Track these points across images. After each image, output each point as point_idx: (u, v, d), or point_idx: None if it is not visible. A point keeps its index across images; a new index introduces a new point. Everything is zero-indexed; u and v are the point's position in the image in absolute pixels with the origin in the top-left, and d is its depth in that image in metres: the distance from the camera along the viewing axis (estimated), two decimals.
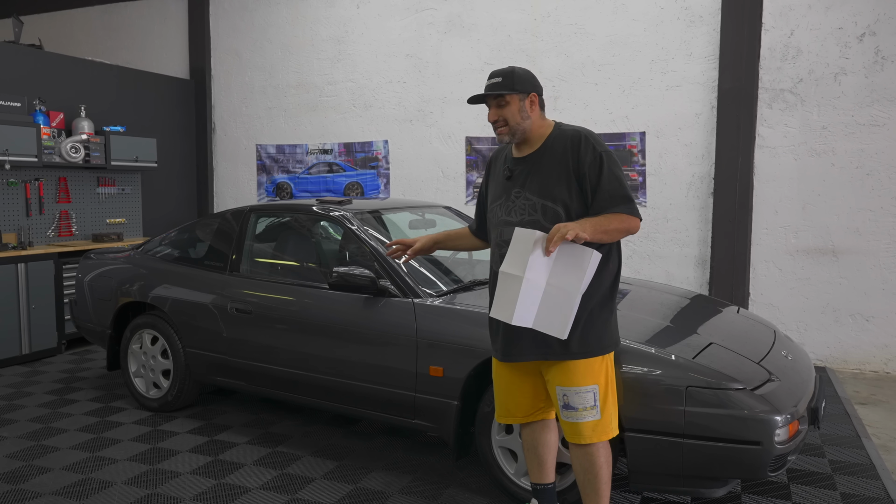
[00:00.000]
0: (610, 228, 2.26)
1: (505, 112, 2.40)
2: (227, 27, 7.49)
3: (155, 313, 4.22)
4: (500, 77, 2.40)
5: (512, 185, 2.45)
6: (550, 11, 6.02)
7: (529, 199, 2.39)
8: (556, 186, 2.35)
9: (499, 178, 2.53)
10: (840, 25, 5.14)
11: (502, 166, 2.52)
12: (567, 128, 2.44)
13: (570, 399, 2.37)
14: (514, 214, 2.42)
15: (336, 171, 7.05)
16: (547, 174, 2.38)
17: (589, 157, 2.33)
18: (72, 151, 5.84)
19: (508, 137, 2.43)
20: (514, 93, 2.38)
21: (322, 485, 3.23)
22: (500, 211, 2.48)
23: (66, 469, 3.39)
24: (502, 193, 2.48)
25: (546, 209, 2.36)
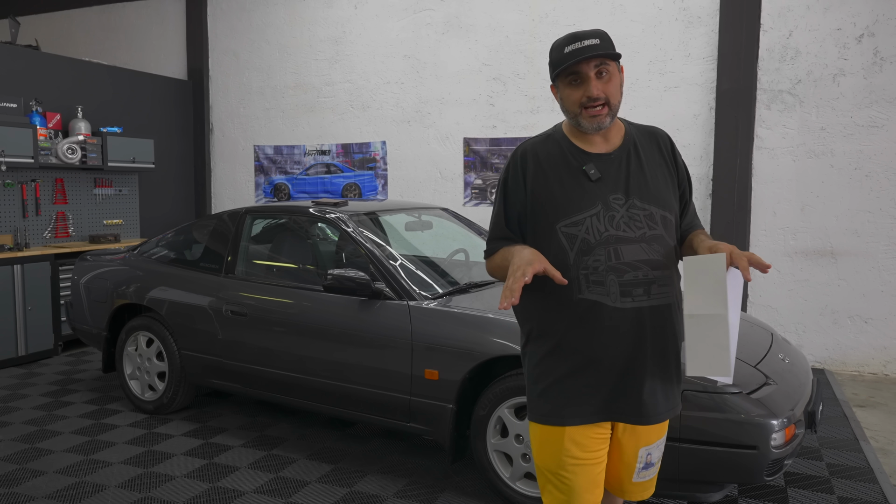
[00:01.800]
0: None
1: (609, 87, 1.74)
2: (224, 28, 7.48)
3: (150, 315, 4.20)
4: (595, 38, 1.72)
5: (606, 189, 1.77)
6: (548, 12, 6.00)
7: (644, 208, 1.76)
8: (666, 191, 1.82)
9: (568, 181, 1.79)
10: (839, 26, 5.12)
11: (572, 164, 1.80)
12: (635, 123, 1.93)
13: (654, 455, 1.91)
14: (629, 228, 1.75)
15: (334, 172, 7.03)
16: (652, 176, 1.81)
17: (681, 163, 1.90)
18: (68, 152, 5.82)
19: (608, 121, 1.76)
20: (616, 62, 1.77)
21: (317, 488, 3.21)
22: (598, 223, 1.76)
23: (60, 472, 3.37)
24: (595, 200, 1.77)
25: (667, 222, 1.79)
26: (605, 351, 1.75)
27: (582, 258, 1.75)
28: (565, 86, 1.77)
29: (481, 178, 6.35)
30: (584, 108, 1.74)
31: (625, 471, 1.91)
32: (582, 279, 1.75)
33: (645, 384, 1.77)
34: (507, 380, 2.94)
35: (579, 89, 1.74)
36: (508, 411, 2.94)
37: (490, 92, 6.25)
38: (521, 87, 6.13)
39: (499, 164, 6.26)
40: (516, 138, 6.17)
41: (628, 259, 1.74)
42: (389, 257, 3.50)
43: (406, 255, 3.80)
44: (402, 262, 3.55)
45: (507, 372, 2.98)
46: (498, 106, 6.23)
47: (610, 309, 1.73)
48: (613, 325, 1.74)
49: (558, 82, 1.79)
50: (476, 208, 6.37)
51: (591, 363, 1.77)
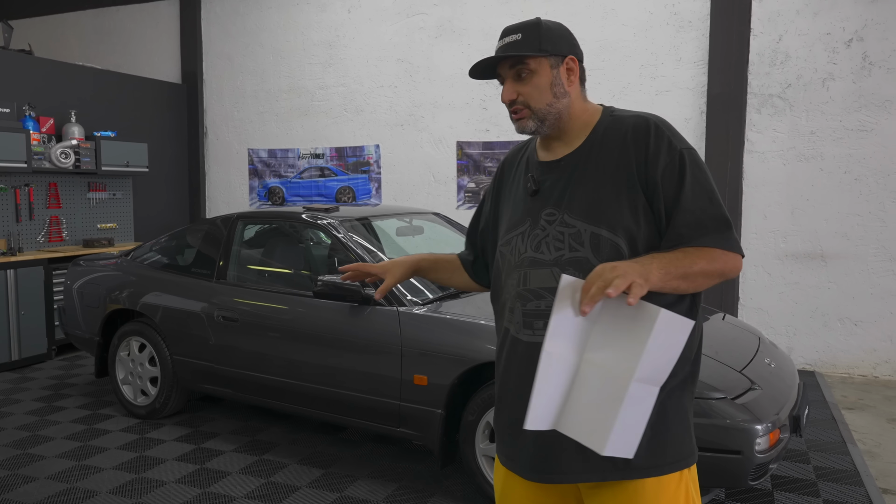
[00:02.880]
0: (692, 271, 1.36)
1: (526, 86, 1.50)
2: (218, 32, 7.49)
3: (143, 320, 4.22)
4: (518, 33, 1.51)
5: (541, 203, 1.53)
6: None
7: (571, 224, 1.47)
8: (614, 203, 1.45)
9: (517, 194, 1.61)
10: (828, 31, 5.15)
11: (522, 175, 1.61)
12: (625, 114, 1.53)
13: None
14: (546, 249, 1.49)
15: (328, 175, 7.05)
16: (598, 185, 1.47)
17: (664, 158, 1.43)
18: (62, 157, 5.83)
19: (534, 126, 1.52)
20: (540, 55, 1.49)
21: (307, 493, 3.23)
22: (521, 244, 1.54)
23: (52, 478, 3.38)
24: (526, 217, 1.55)
25: (598, 241, 1.44)
26: (505, 386, 1.57)
27: (506, 281, 1.57)
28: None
29: (474, 182, 6.38)
30: (511, 111, 1.54)
31: None
32: (505, 305, 1.57)
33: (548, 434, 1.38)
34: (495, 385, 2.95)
35: (503, 91, 1.55)
36: None
37: (483, 96, 6.27)
38: None
39: (492, 168, 6.28)
40: (509, 142, 6.19)
41: (533, 286, 1.49)
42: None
43: None
44: None
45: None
46: (491, 110, 6.25)
47: (515, 340, 1.53)
48: (518, 359, 1.52)
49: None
50: (469, 211, 6.39)
51: (500, 399, 1.60)
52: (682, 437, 1.47)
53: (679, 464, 1.46)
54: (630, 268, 1.26)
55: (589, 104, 1.57)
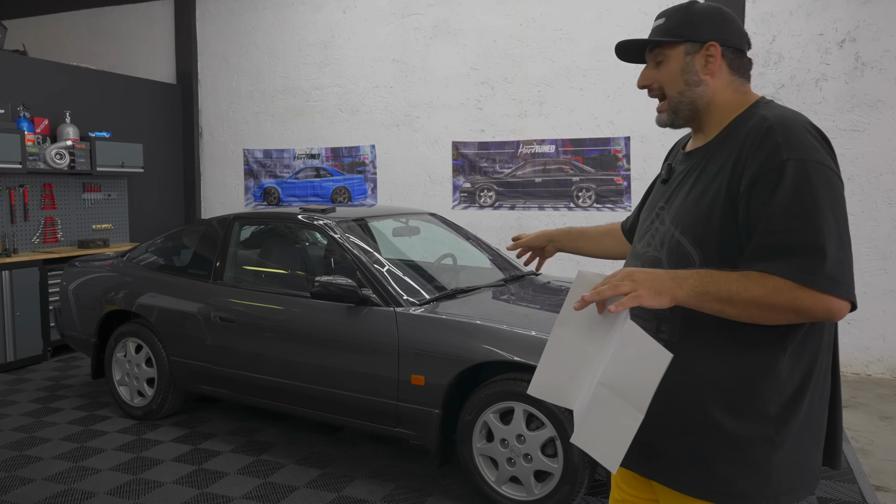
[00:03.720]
0: (741, 297, 1.23)
1: (659, 73, 1.45)
2: (213, 32, 7.48)
3: (139, 321, 4.22)
4: (663, 17, 1.46)
5: (661, 195, 1.52)
6: (536, 17, 6.05)
7: (664, 222, 1.45)
8: (701, 214, 1.36)
9: (658, 180, 1.61)
10: (821, 32, 5.19)
11: (673, 160, 1.58)
12: (764, 111, 1.37)
13: None
14: (646, 242, 1.50)
15: (323, 175, 7.05)
16: (697, 188, 1.40)
17: (759, 166, 1.28)
18: (56, 157, 5.82)
19: (667, 118, 1.47)
20: (674, 40, 1.42)
21: (305, 493, 3.24)
22: (640, 231, 1.57)
23: (49, 480, 3.39)
24: (654, 204, 1.54)
25: (674, 247, 1.39)
26: None
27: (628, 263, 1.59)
28: None
29: (470, 182, 6.39)
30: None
31: None
32: None
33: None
34: (492, 385, 2.98)
35: None
36: (494, 416, 2.98)
37: (478, 96, 6.29)
38: (510, 92, 6.18)
39: (487, 168, 6.30)
40: (505, 142, 6.21)
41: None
42: (376, 263, 3.54)
43: (394, 261, 3.83)
44: (390, 268, 3.58)
45: (492, 377, 3.02)
46: (486, 110, 6.27)
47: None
48: None
49: None
50: (465, 212, 6.41)
51: None
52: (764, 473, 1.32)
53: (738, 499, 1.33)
54: (647, 280, 1.24)
55: (742, 96, 1.44)
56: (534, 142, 6.12)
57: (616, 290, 1.22)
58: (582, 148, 5.96)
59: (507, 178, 6.24)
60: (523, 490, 2.95)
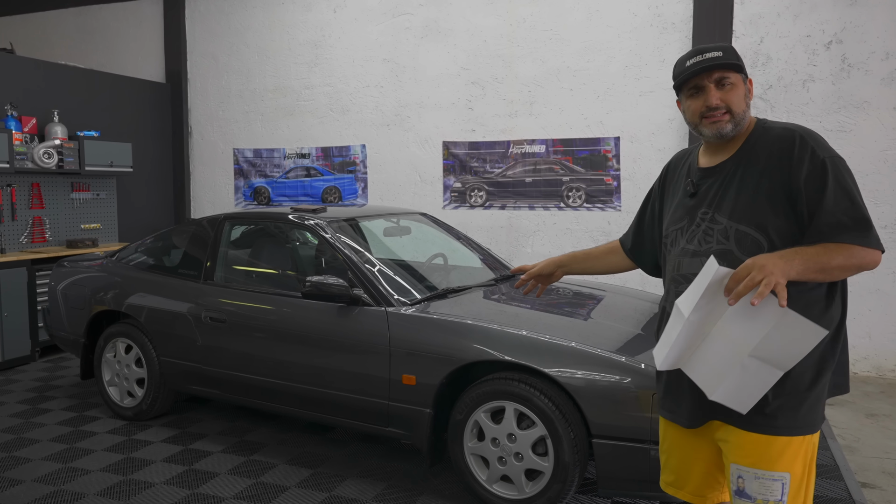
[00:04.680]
0: (831, 265, 1.61)
1: (730, 96, 1.78)
2: (203, 31, 7.46)
3: (129, 322, 4.20)
4: (719, 51, 1.78)
5: (698, 203, 1.85)
6: (526, 17, 6.07)
7: (719, 221, 1.78)
8: (759, 206, 1.72)
9: (679, 195, 1.93)
10: (808, 33, 5.24)
11: (684, 179, 1.92)
12: (774, 126, 1.80)
13: (747, 484, 1.73)
14: (698, 242, 1.82)
15: (314, 175, 7.04)
16: (746, 189, 1.75)
17: (806, 167, 1.68)
18: (45, 157, 5.78)
19: (731, 128, 1.79)
20: (739, 73, 1.80)
21: (296, 493, 3.25)
22: (680, 237, 1.88)
23: (38, 481, 3.37)
24: (685, 215, 1.88)
25: (742, 237, 1.74)
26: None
27: (666, 268, 1.96)
28: (687, 97, 1.85)
29: (460, 182, 6.41)
30: (704, 118, 1.80)
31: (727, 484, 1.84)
32: (671, 288, 1.91)
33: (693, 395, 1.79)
34: (483, 384, 2.99)
35: (699, 100, 1.80)
36: (485, 415, 2.99)
37: (469, 96, 6.30)
38: (500, 92, 6.20)
39: (477, 168, 6.32)
40: (495, 142, 6.23)
41: (685, 271, 1.84)
42: (367, 263, 3.54)
43: (385, 261, 3.84)
44: (381, 267, 3.59)
45: (483, 376, 3.03)
46: (477, 110, 6.29)
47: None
48: None
49: (681, 95, 1.87)
50: (455, 211, 6.42)
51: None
52: (811, 406, 1.72)
53: (803, 429, 1.71)
54: (776, 268, 1.54)
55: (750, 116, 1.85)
56: (524, 142, 6.14)
57: (763, 295, 1.51)
58: (572, 148, 5.98)
59: (498, 177, 6.26)
60: (514, 489, 2.97)
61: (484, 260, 4.37)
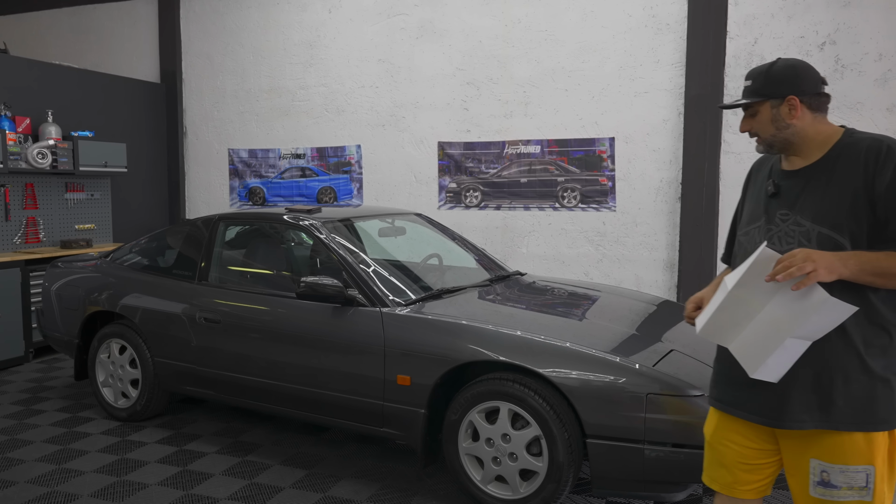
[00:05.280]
0: (889, 271, 1.72)
1: (754, 122, 1.93)
2: (198, 31, 7.44)
3: (123, 322, 4.19)
4: (750, 79, 1.94)
5: (778, 204, 1.93)
6: (521, 18, 6.07)
7: (801, 224, 1.86)
8: (842, 210, 1.80)
9: (759, 195, 2.02)
10: (801, 34, 5.26)
11: (765, 180, 2.01)
12: (862, 136, 1.87)
13: (832, 477, 1.83)
14: (778, 242, 1.91)
15: (309, 175, 7.04)
16: (830, 193, 1.83)
17: (889, 175, 1.76)
18: (38, 157, 5.76)
19: (763, 149, 1.96)
20: (761, 99, 1.90)
21: (291, 494, 3.24)
22: (758, 235, 1.96)
23: (31, 482, 3.36)
24: (762, 214, 1.97)
25: (825, 240, 1.82)
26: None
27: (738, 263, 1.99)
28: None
29: (456, 182, 6.41)
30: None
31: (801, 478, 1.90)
32: None
33: (773, 387, 1.85)
34: (478, 385, 2.99)
35: None
36: (479, 416, 3.00)
37: (464, 96, 6.31)
38: (495, 92, 6.20)
39: (473, 168, 6.32)
40: (490, 142, 6.24)
41: None
42: (362, 264, 3.54)
43: (380, 262, 3.84)
44: (376, 268, 3.59)
45: (478, 377, 3.03)
46: (472, 110, 6.29)
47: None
48: None
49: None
50: (451, 212, 6.43)
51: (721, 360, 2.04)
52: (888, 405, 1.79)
53: (890, 424, 1.80)
54: (822, 261, 1.67)
55: (826, 126, 1.90)
56: (519, 142, 6.15)
57: (802, 271, 1.64)
58: (567, 148, 5.99)
59: (493, 178, 6.26)
60: (508, 489, 2.97)
61: (479, 260, 4.38)
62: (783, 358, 1.77)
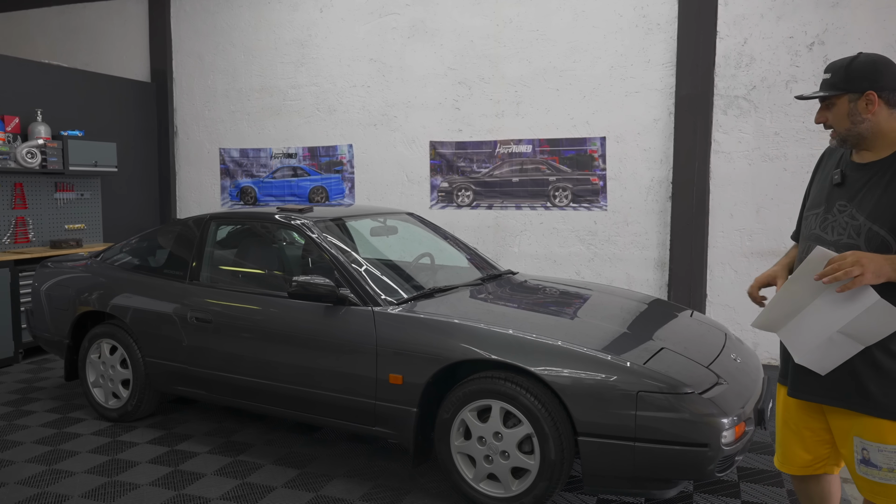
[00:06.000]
0: None
1: (830, 114, 1.99)
2: (188, 30, 7.41)
3: (114, 322, 4.17)
4: (829, 72, 2.00)
5: (840, 194, 2.01)
6: (512, 18, 6.09)
7: (856, 217, 1.93)
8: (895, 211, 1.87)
9: (825, 181, 2.09)
10: (791, 34, 5.30)
11: (833, 168, 2.08)
12: None
13: (872, 455, 1.95)
14: (829, 231, 1.99)
15: (300, 175, 7.03)
16: (889, 192, 1.89)
17: None
18: (28, 157, 5.72)
19: (836, 143, 2.04)
20: (839, 93, 1.95)
21: (283, 493, 3.24)
22: (814, 222, 2.06)
23: (21, 483, 3.34)
24: (823, 201, 2.05)
25: (873, 236, 1.89)
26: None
27: (800, 246, 2.17)
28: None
29: (448, 182, 6.41)
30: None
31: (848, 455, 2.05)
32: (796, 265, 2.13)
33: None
34: (470, 383, 3.00)
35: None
36: (471, 414, 3.00)
37: (456, 96, 6.31)
38: (487, 92, 6.21)
39: (464, 168, 6.33)
40: (482, 142, 6.25)
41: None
42: (354, 263, 3.54)
43: (371, 261, 3.84)
44: (367, 267, 3.59)
45: (470, 375, 3.04)
46: (463, 110, 6.30)
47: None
48: None
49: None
50: (443, 211, 6.43)
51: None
52: None
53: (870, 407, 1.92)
54: (871, 265, 1.77)
55: None
56: (511, 142, 6.16)
57: (849, 276, 1.76)
58: (558, 148, 6.01)
59: (485, 177, 6.27)
60: (501, 487, 2.98)
61: (470, 259, 4.39)
62: (831, 352, 1.92)
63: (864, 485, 2.02)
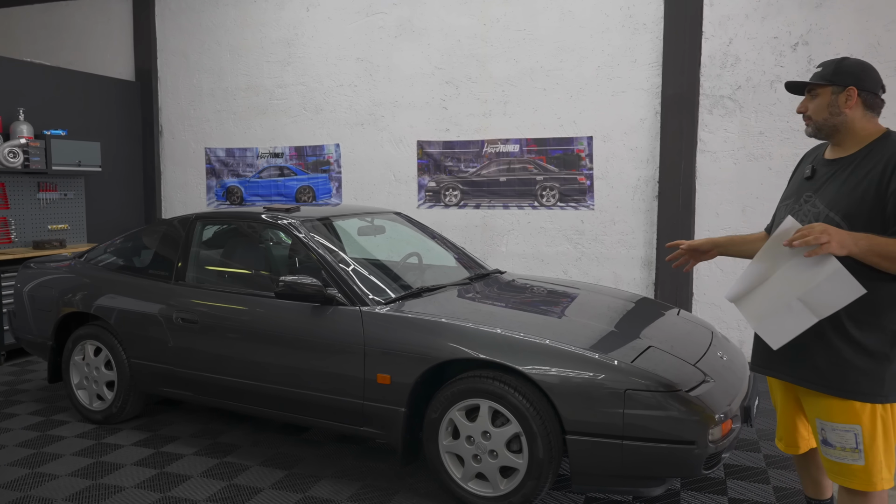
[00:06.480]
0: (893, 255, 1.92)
1: (812, 104, 2.17)
2: (173, 28, 7.35)
3: (98, 324, 4.13)
4: (821, 66, 2.18)
5: (808, 186, 2.20)
6: (499, 17, 6.09)
7: (817, 206, 2.12)
8: (853, 202, 2.03)
9: (799, 176, 2.30)
10: (775, 35, 5.34)
11: (808, 165, 2.27)
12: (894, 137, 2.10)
13: (828, 435, 2.09)
14: (797, 219, 2.12)
15: (287, 174, 6.99)
16: (849, 185, 2.07)
17: None
18: (9, 156, 5.65)
19: (811, 131, 2.19)
20: (826, 84, 2.13)
21: (270, 495, 3.22)
22: (784, 212, 2.24)
23: (5, 487, 3.30)
24: (793, 193, 2.26)
25: (829, 222, 2.05)
26: None
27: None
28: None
29: (435, 181, 6.41)
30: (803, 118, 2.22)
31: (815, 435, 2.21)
32: None
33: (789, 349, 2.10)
34: (458, 382, 3.00)
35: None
36: (460, 413, 3.00)
37: (443, 95, 6.31)
38: (474, 91, 6.21)
39: (452, 167, 6.33)
40: (469, 141, 6.24)
41: None
42: (341, 263, 3.53)
43: (359, 260, 3.83)
44: (355, 267, 3.57)
45: (458, 375, 3.04)
46: (451, 109, 6.29)
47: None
48: None
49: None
50: (430, 211, 6.42)
51: None
52: (871, 379, 2.01)
53: (860, 396, 2.02)
54: (837, 236, 1.89)
55: (872, 125, 2.14)
56: (498, 141, 6.17)
57: (818, 241, 1.87)
58: (545, 147, 6.02)
59: (472, 177, 6.27)
60: (489, 486, 2.98)
61: (458, 259, 4.38)
62: (787, 322, 1.98)
63: (827, 465, 2.14)
